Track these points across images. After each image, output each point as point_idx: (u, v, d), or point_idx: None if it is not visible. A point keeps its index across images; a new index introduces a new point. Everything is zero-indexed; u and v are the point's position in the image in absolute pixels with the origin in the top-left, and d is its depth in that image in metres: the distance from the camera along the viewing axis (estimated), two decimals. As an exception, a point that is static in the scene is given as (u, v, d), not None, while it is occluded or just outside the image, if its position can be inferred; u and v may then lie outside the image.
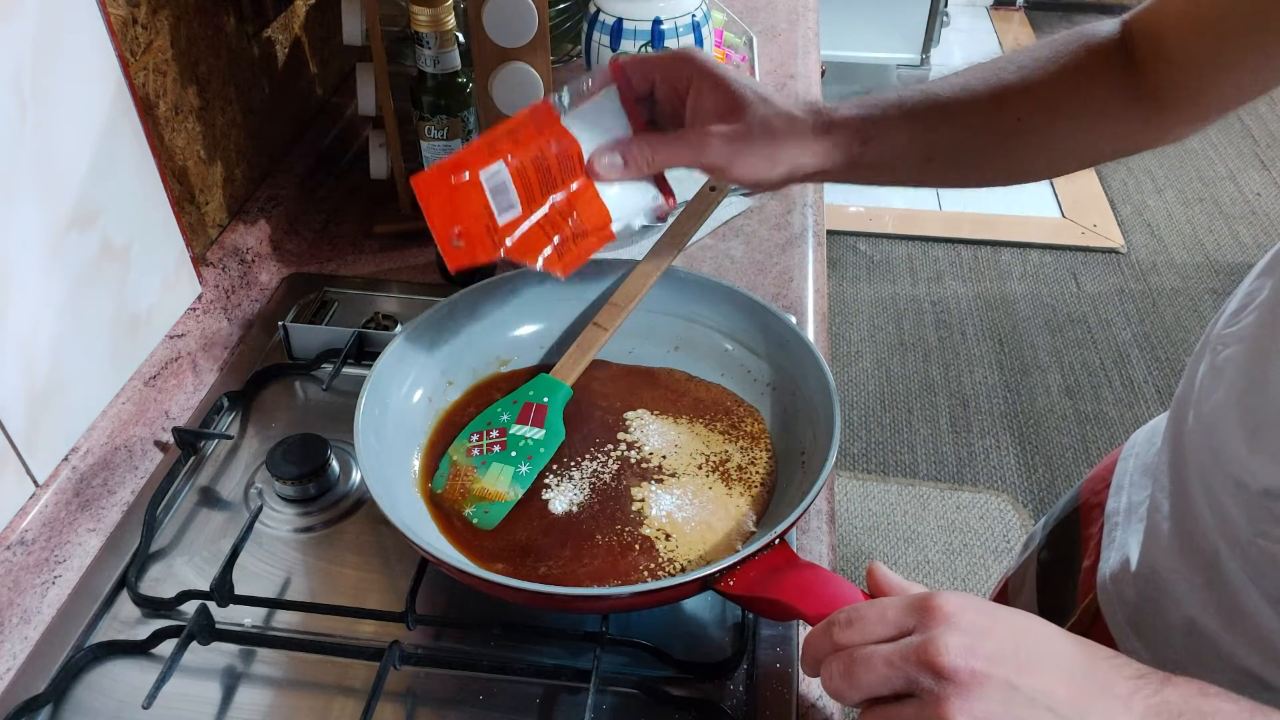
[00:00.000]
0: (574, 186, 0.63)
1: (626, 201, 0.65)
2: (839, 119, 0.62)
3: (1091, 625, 0.70)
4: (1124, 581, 0.67)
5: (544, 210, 0.63)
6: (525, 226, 0.63)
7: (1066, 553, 0.79)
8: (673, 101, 0.63)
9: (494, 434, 0.69)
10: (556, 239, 0.64)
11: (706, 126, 0.61)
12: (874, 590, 0.49)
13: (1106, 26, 0.61)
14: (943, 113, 0.62)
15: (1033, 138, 0.62)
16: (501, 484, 0.66)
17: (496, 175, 0.62)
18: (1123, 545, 0.69)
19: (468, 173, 0.62)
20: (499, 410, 0.71)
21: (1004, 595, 0.88)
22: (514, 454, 0.68)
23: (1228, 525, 0.55)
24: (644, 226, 0.95)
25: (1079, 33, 0.62)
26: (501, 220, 0.63)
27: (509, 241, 0.63)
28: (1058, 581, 0.79)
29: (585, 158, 0.63)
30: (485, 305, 0.76)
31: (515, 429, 0.69)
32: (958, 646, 0.40)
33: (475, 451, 0.68)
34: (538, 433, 0.69)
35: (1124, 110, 0.61)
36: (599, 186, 0.64)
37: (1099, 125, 0.62)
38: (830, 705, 0.61)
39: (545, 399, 0.71)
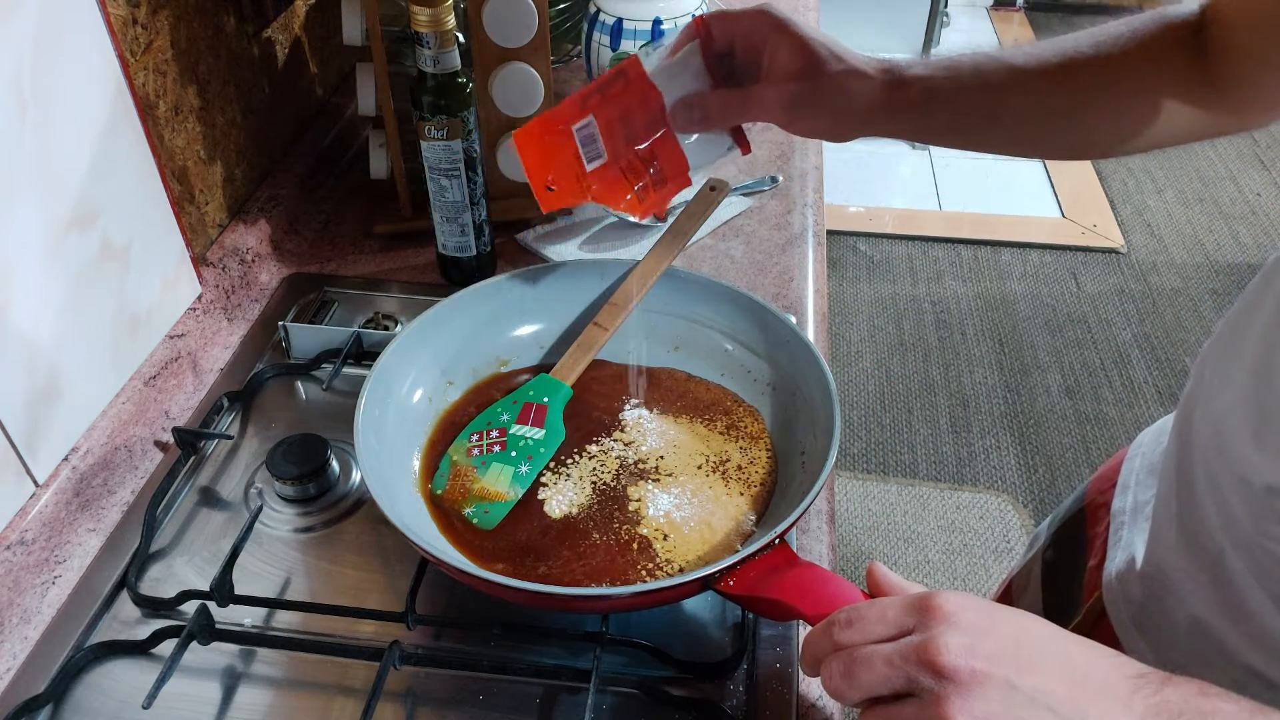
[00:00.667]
0: (656, 136, 0.68)
1: (703, 151, 0.70)
2: (909, 77, 0.63)
3: (1096, 624, 0.70)
4: (1129, 580, 0.67)
5: (628, 159, 0.68)
6: (611, 174, 0.69)
7: (1071, 552, 0.79)
8: (751, 57, 0.65)
9: (494, 434, 0.69)
10: (638, 186, 0.69)
11: (781, 83, 0.63)
12: (874, 590, 0.49)
13: (1186, 9, 0.62)
14: (1014, 77, 0.63)
15: (1102, 111, 0.63)
16: (501, 484, 0.66)
17: (586, 127, 0.67)
18: (1128, 544, 0.69)
19: (561, 126, 0.67)
20: (499, 410, 0.71)
21: (1008, 594, 0.88)
22: (514, 454, 0.68)
23: (1232, 524, 0.55)
24: (646, 225, 0.95)
25: (1158, 13, 0.62)
26: (589, 168, 0.68)
27: (595, 187, 0.68)
28: (1062, 581, 0.79)
29: (667, 110, 0.67)
30: (485, 305, 0.76)
31: (515, 429, 0.70)
32: (958, 646, 0.40)
33: (475, 451, 0.68)
34: (538, 433, 0.69)
35: (1194, 93, 0.61)
36: (679, 136, 0.68)
37: (1168, 105, 0.62)
38: (830, 705, 0.61)
39: (545, 399, 0.71)
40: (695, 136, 0.69)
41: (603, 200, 0.69)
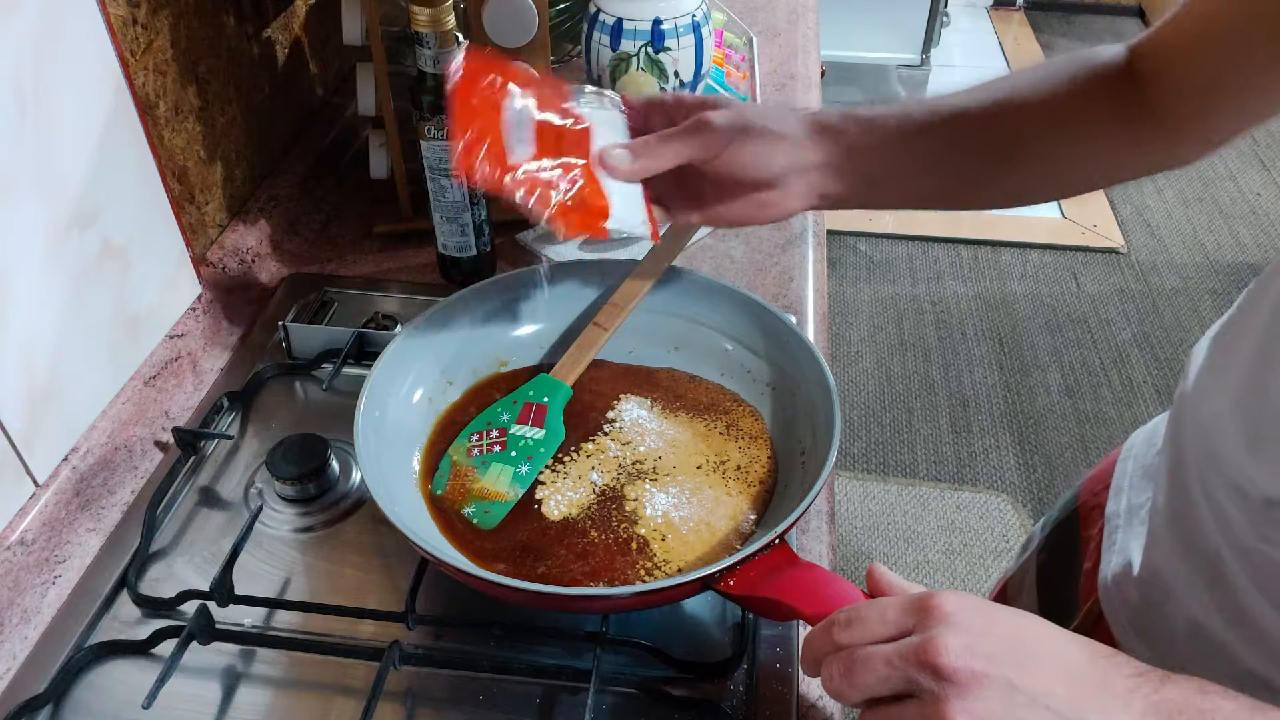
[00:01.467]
0: (580, 163, 0.65)
1: (622, 207, 0.66)
2: (835, 124, 0.63)
3: (1094, 627, 0.70)
4: (1126, 584, 0.67)
5: (552, 168, 0.64)
6: (532, 169, 0.63)
7: (1066, 554, 0.79)
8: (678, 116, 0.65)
9: (494, 434, 0.69)
10: (556, 196, 0.64)
11: (705, 116, 0.62)
12: (874, 591, 0.49)
13: (1111, 51, 0.61)
14: (943, 127, 0.62)
15: (1034, 157, 0.62)
16: (501, 484, 0.66)
17: (524, 101, 0.64)
18: (1124, 548, 0.69)
19: (500, 77, 0.64)
20: (499, 410, 0.71)
21: (1003, 596, 0.88)
22: (514, 454, 0.68)
23: (1229, 529, 0.55)
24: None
25: (1083, 55, 0.62)
26: (512, 158, 0.63)
27: (519, 174, 0.63)
28: (1058, 583, 0.79)
29: (592, 143, 0.64)
30: (485, 305, 0.76)
31: (515, 429, 0.70)
32: (957, 646, 0.40)
33: (475, 451, 0.68)
34: (538, 433, 0.69)
35: (1127, 134, 0.61)
36: (602, 180, 0.65)
37: (1100, 148, 0.62)
38: (830, 705, 0.61)
39: (545, 399, 0.71)
40: (617, 193, 0.65)
41: (525, 188, 0.62)
